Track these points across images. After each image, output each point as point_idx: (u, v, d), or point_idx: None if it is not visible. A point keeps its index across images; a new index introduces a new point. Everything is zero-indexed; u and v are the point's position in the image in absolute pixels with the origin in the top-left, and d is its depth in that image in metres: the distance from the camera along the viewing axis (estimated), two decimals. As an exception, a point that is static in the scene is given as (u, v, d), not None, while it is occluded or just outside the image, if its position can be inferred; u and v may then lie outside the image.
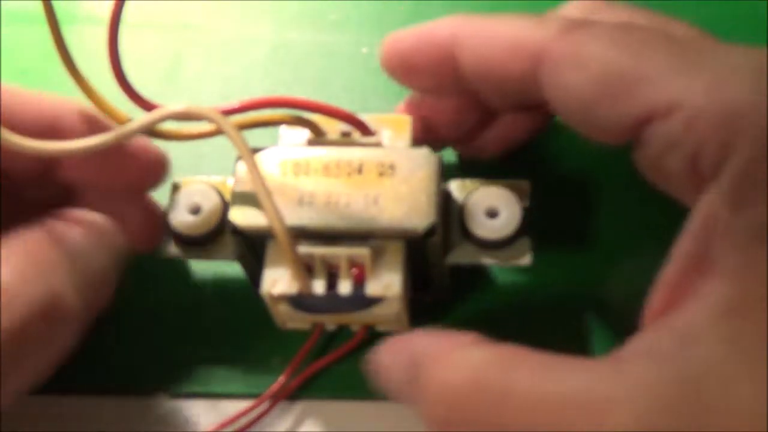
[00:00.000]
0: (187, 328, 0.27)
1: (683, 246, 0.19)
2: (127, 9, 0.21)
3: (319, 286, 0.22)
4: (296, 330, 0.24)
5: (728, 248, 0.17)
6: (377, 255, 0.22)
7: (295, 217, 0.22)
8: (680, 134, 0.19)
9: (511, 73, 0.21)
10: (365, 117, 0.24)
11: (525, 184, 0.24)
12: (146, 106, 0.22)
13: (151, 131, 0.22)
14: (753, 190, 0.17)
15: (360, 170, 0.23)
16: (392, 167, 0.22)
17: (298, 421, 0.26)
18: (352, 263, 0.22)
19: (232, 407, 0.26)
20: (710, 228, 0.18)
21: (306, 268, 0.22)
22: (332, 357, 0.26)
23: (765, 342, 0.17)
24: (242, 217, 0.22)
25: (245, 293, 0.26)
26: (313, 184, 0.22)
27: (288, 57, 0.32)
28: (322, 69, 0.31)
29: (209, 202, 0.24)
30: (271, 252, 0.22)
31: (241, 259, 0.24)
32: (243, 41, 0.32)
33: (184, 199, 0.25)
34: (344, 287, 0.22)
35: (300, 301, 0.22)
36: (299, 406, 0.26)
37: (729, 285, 0.17)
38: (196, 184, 0.25)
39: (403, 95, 0.26)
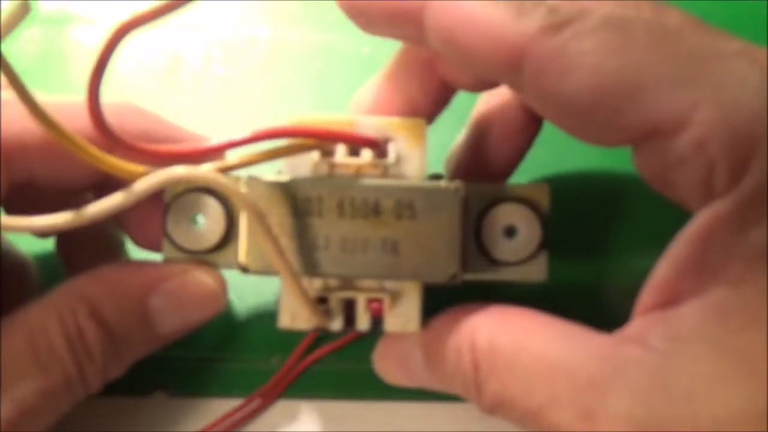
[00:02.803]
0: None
1: (680, 249, 0.19)
2: (127, 9, 0.21)
3: (336, 324, 0.22)
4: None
5: (732, 259, 0.18)
6: (395, 296, 0.22)
7: (311, 266, 0.21)
8: (691, 153, 0.18)
9: (484, 61, 0.19)
10: (377, 120, 0.23)
11: (544, 189, 0.23)
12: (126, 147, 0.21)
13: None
14: (763, 211, 0.17)
15: (376, 211, 0.21)
16: (411, 207, 0.21)
17: (298, 421, 0.26)
18: (371, 301, 0.22)
19: (232, 407, 0.26)
20: (712, 237, 0.18)
21: (323, 304, 0.22)
22: (328, 349, 0.26)
23: (755, 352, 0.17)
24: (254, 260, 0.22)
25: (245, 293, 0.26)
26: (327, 228, 0.21)
27: (288, 57, 0.32)
28: (322, 69, 0.31)
29: (211, 214, 0.23)
30: (285, 286, 0.22)
31: None
32: (243, 41, 0.32)
33: (184, 208, 0.23)
34: (362, 324, 0.22)
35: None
36: (299, 406, 0.26)
37: (728, 293, 0.18)
38: (195, 193, 0.23)
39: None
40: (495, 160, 0.25)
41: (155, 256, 0.24)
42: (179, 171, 0.20)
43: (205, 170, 0.21)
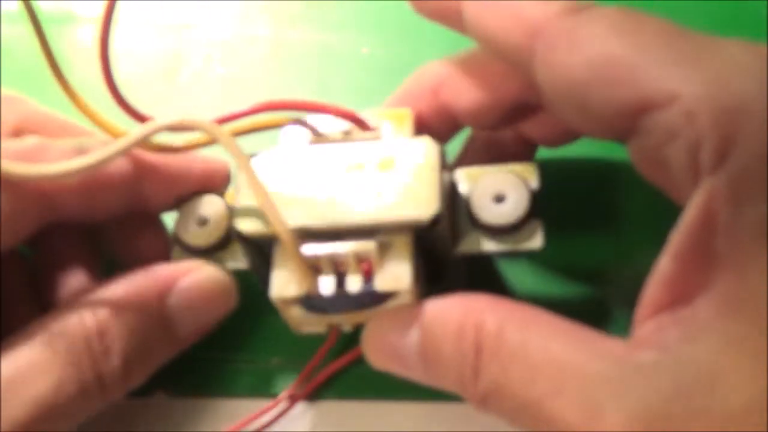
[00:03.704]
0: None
1: (680, 241, 0.18)
2: (127, 9, 0.21)
3: (327, 286, 0.21)
4: (312, 334, 0.24)
5: (733, 244, 0.17)
6: (384, 249, 0.21)
7: (299, 218, 0.22)
8: (680, 125, 0.18)
9: (505, 42, 0.21)
10: (365, 113, 0.24)
11: (531, 167, 0.23)
12: (138, 117, 0.22)
13: (144, 145, 0.22)
14: (756, 187, 0.17)
15: (361, 165, 0.22)
16: (393, 160, 0.22)
17: (298, 421, 0.26)
18: (360, 259, 0.21)
19: (232, 407, 0.26)
20: (711, 223, 0.18)
21: (314, 269, 0.22)
22: (348, 359, 0.26)
23: (763, 342, 0.17)
24: (247, 223, 0.22)
25: (245, 292, 0.26)
26: (314, 183, 0.22)
27: (288, 57, 0.32)
28: (322, 69, 0.31)
29: (215, 212, 0.25)
30: (278, 255, 0.22)
31: (252, 265, 0.24)
32: (243, 41, 0.32)
33: (191, 210, 0.25)
34: (353, 284, 0.21)
35: (311, 302, 0.22)
36: (298, 406, 0.26)
37: (735, 282, 0.17)
38: (201, 195, 0.25)
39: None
40: None
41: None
42: (176, 118, 0.21)
43: (200, 118, 0.21)
